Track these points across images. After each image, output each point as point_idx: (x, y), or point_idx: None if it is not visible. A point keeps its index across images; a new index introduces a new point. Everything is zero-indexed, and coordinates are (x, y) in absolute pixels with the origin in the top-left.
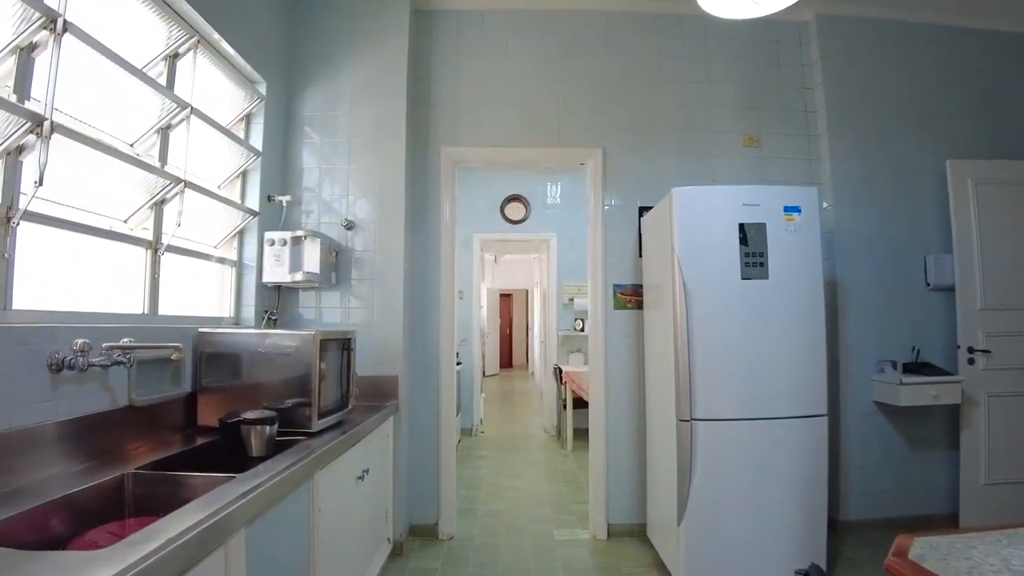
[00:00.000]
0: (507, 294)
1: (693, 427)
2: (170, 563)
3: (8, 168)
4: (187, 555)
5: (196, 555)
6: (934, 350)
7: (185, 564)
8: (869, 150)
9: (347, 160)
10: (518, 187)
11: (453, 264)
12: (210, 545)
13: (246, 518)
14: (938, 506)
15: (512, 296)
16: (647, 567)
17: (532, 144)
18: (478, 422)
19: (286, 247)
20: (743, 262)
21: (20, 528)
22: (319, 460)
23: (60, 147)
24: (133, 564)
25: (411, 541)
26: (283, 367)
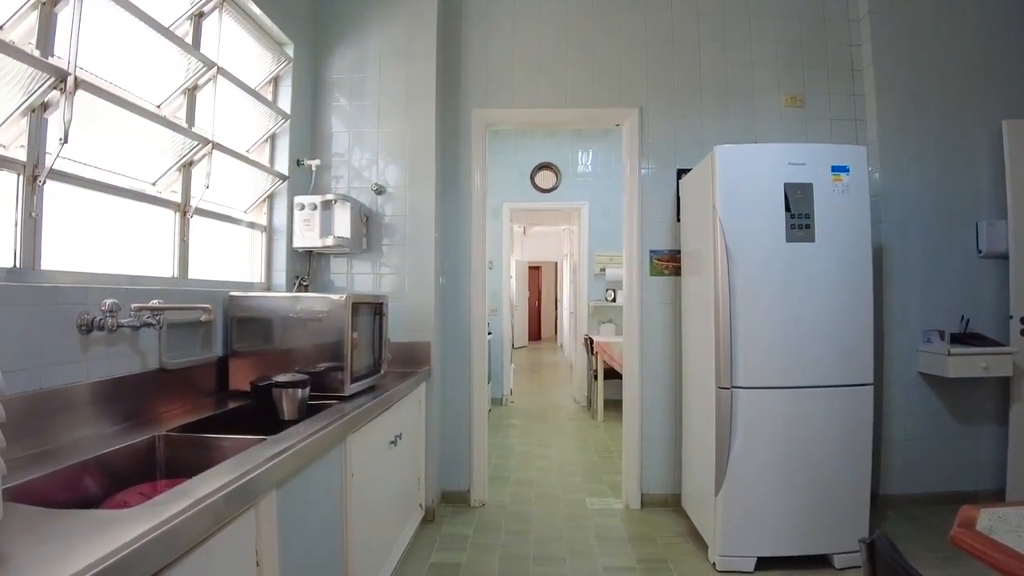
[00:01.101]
0: (535, 267)
1: (733, 395)
2: (198, 523)
3: (33, 126)
4: (215, 516)
5: (225, 516)
6: (984, 321)
7: (214, 524)
8: (919, 110)
9: (376, 124)
10: (548, 155)
11: (484, 231)
12: (240, 506)
13: (277, 480)
14: (983, 482)
15: (540, 269)
16: (682, 536)
17: (566, 105)
18: (508, 392)
19: (316, 212)
20: (788, 224)
21: (52, 487)
22: (352, 423)
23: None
24: (160, 524)
25: (443, 508)
26: (315, 332)
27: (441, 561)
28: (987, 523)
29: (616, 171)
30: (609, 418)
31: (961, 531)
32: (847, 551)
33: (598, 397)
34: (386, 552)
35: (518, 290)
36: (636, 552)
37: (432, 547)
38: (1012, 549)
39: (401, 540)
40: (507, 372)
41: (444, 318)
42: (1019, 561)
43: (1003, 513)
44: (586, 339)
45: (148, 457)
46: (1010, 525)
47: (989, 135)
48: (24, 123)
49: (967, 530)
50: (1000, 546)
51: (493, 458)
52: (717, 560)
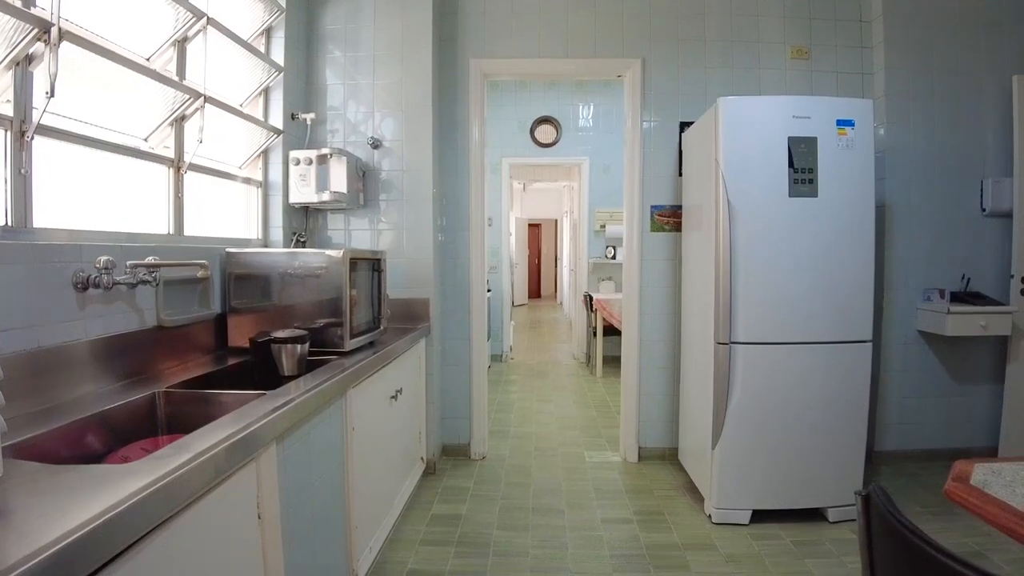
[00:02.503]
0: (535, 224)
1: (732, 350)
2: (198, 477)
3: (18, 80)
4: (216, 469)
5: (225, 469)
6: (986, 280)
7: (215, 478)
8: (928, 64)
9: (371, 76)
10: (548, 108)
11: (483, 185)
12: (240, 460)
13: (277, 433)
14: (977, 440)
15: (541, 226)
16: (679, 489)
17: (567, 55)
18: (508, 349)
19: (312, 166)
20: (791, 179)
21: (54, 444)
22: (352, 377)
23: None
24: (160, 477)
25: (444, 461)
26: (313, 288)
27: (442, 512)
28: (981, 477)
29: (618, 125)
30: (608, 374)
31: (955, 485)
32: (841, 504)
33: (597, 353)
34: (388, 504)
35: (518, 247)
36: (633, 504)
37: (434, 499)
38: (1006, 503)
39: (403, 492)
40: (507, 329)
41: (443, 275)
42: (1012, 515)
43: (997, 468)
44: (585, 296)
45: (149, 413)
46: (1004, 480)
47: (999, 91)
48: (9, 77)
49: (961, 484)
50: (994, 500)
51: (493, 413)
52: (713, 512)
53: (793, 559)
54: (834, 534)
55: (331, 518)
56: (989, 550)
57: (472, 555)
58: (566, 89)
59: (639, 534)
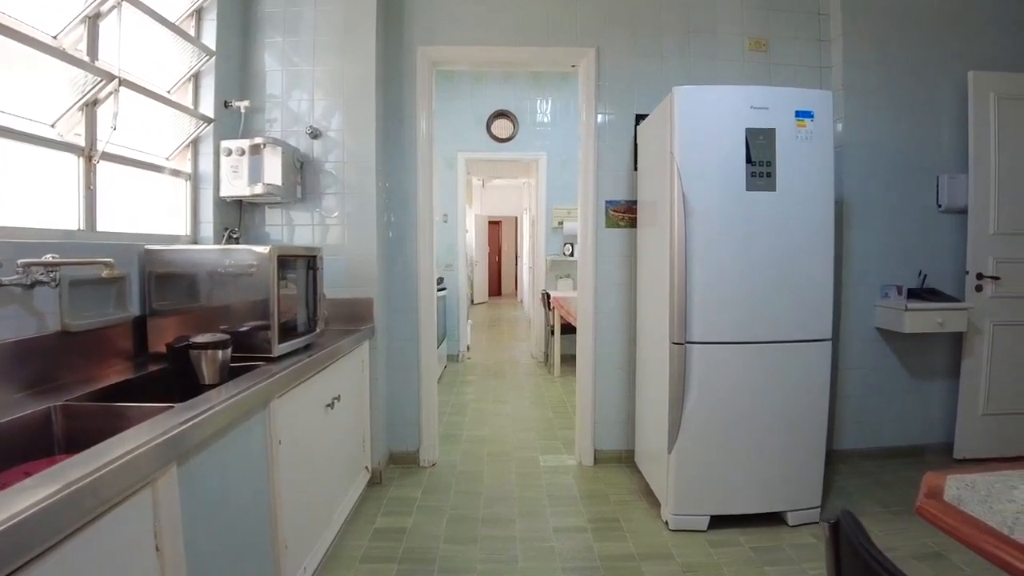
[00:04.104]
0: (496, 221)
1: (687, 351)
2: (69, 510)
3: None
4: (97, 499)
5: (110, 498)
6: (942, 276)
7: (96, 509)
8: (885, 59)
9: (312, 62)
10: (505, 102)
11: (432, 180)
12: (129, 486)
13: (179, 453)
14: (932, 436)
15: (501, 223)
16: (635, 494)
17: (519, 43)
18: (465, 348)
19: (244, 157)
20: (749, 172)
21: None
22: (277, 385)
23: None
24: (18, 513)
25: (391, 469)
26: (241, 288)
27: (386, 526)
28: (955, 492)
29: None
30: (566, 373)
31: (928, 503)
32: (801, 508)
33: (555, 352)
34: (326, 520)
35: (478, 245)
36: (588, 511)
37: (378, 511)
38: (983, 523)
39: (344, 506)
40: (464, 329)
41: (390, 271)
42: (990, 537)
43: (971, 480)
44: (543, 294)
45: (44, 430)
46: (979, 495)
47: (954, 86)
48: None
49: (935, 501)
50: (971, 519)
51: (446, 415)
52: (670, 519)
53: (753, 568)
54: (794, 539)
55: (254, 540)
56: (948, 550)
57: (416, 572)
58: (523, 83)
59: (593, 544)
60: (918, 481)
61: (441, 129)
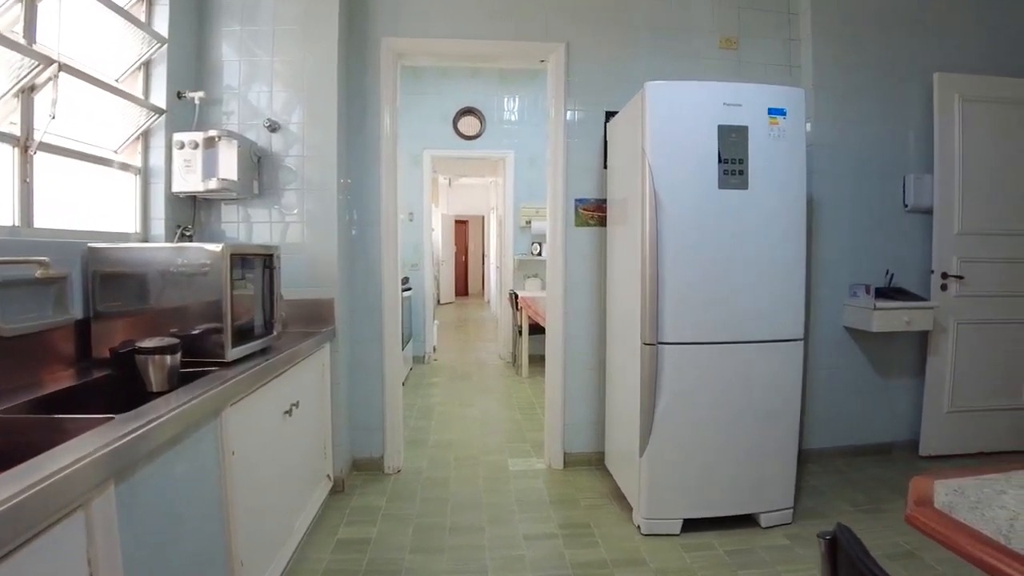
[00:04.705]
0: (462, 220)
1: (659, 351)
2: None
3: None
4: (16, 527)
5: (32, 526)
6: (908, 275)
7: (14, 539)
8: (854, 59)
9: (271, 52)
10: (472, 99)
11: (396, 176)
12: (58, 510)
13: (116, 470)
14: (899, 434)
15: (468, 223)
16: (605, 498)
17: (487, 36)
18: (431, 350)
19: (198, 150)
20: (721, 170)
21: None
22: (230, 393)
23: None
24: None
25: (354, 477)
26: (193, 288)
27: (349, 536)
28: (945, 499)
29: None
30: (534, 374)
31: (919, 511)
32: (773, 509)
33: (523, 353)
34: (285, 533)
35: (445, 245)
36: (558, 517)
37: (341, 521)
38: (980, 533)
39: (304, 517)
40: (430, 329)
41: (352, 272)
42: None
43: (959, 485)
44: (511, 294)
45: None
46: (969, 500)
47: (920, 88)
48: None
49: (925, 509)
50: (966, 528)
51: (411, 419)
52: (642, 523)
53: (728, 572)
54: (767, 541)
55: (206, 560)
56: (920, 548)
57: None
58: (490, 80)
59: (564, 551)
60: (887, 479)
61: (406, 125)
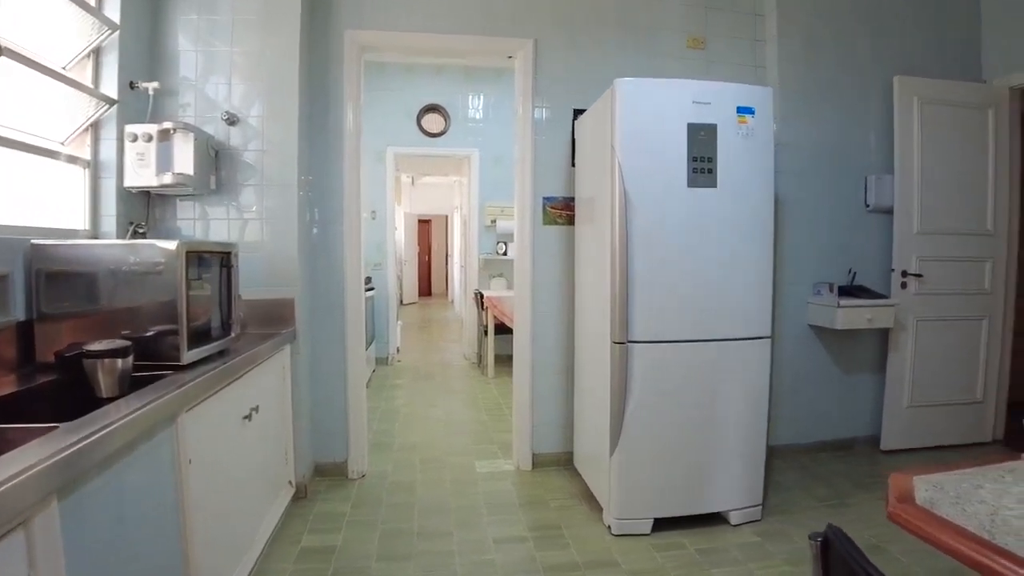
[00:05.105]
0: (426, 220)
1: (629, 350)
2: None
3: None
4: None
5: None
6: (870, 273)
7: None
8: (819, 60)
9: (230, 43)
10: (436, 96)
11: (359, 174)
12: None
13: (62, 484)
14: (861, 429)
15: (431, 222)
16: (575, 498)
17: (454, 31)
18: (395, 351)
19: (151, 144)
20: (690, 168)
21: None
22: (186, 398)
23: None
24: None
25: (317, 482)
26: (146, 288)
27: (313, 545)
28: (926, 495)
29: (508, 117)
30: (500, 374)
31: (902, 507)
32: (742, 507)
33: (489, 353)
34: (246, 544)
35: (407, 244)
36: (528, 519)
37: (304, 528)
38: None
39: (266, 525)
40: (393, 330)
41: (314, 271)
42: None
43: (937, 481)
44: (476, 294)
45: None
46: (949, 496)
47: (882, 90)
48: None
49: (908, 506)
50: (951, 525)
51: (375, 423)
52: (613, 524)
53: (700, 571)
54: (738, 539)
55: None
56: (886, 542)
57: None
58: (455, 77)
59: (535, 554)
60: (850, 474)
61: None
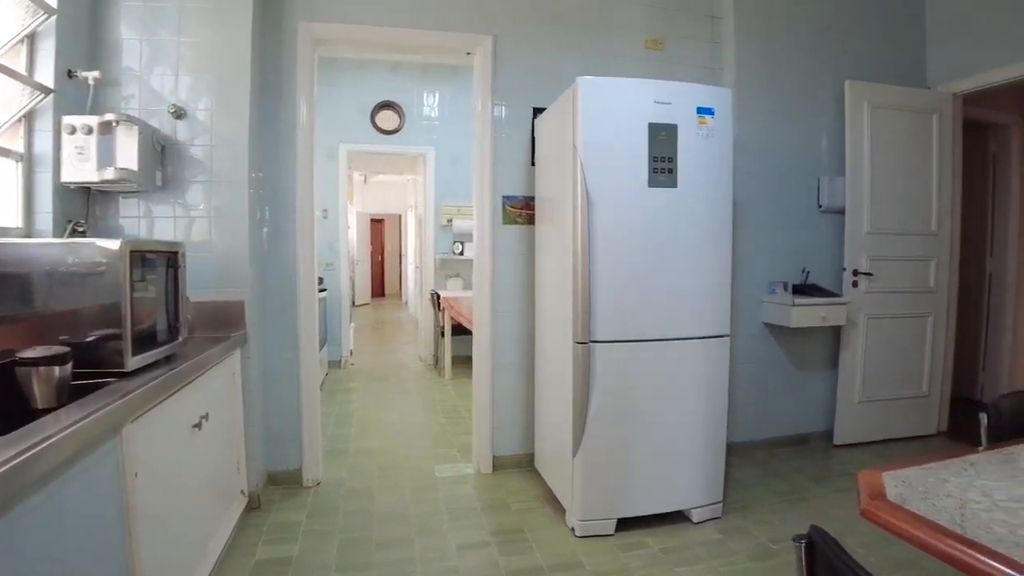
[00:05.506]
0: (378, 219)
1: (591, 350)
2: None
3: None
4: None
5: None
6: (822, 272)
7: None
8: (774, 63)
9: (177, 32)
10: (391, 93)
11: (312, 171)
12: None
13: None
14: (816, 424)
15: (384, 221)
16: (537, 500)
17: (411, 25)
18: (348, 353)
19: (92, 136)
20: (651, 168)
21: None
22: (130, 407)
23: None
24: None
25: (271, 491)
26: (87, 290)
27: (268, 557)
28: (896, 491)
29: (465, 116)
30: (457, 375)
31: (875, 504)
32: (704, 504)
33: (446, 354)
34: (198, 558)
35: (360, 244)
36: (490, 523)
37: (258, 540)
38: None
39: (218, 538)
40: (346, 332)
41: (265, 272)
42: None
43: (905, 476)
44: (432, 294)
45: None
46: (918, 491)
47: (834, 94)
48: None
49: (880, 502)
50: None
51: (330, 428)
52: (576, 525)
53: (664, 570)
54: (701, 536)
55: None
56: (844, 534)
57: None
58: (410, 74)
59: (499, 559)
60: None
61: (321, 117)
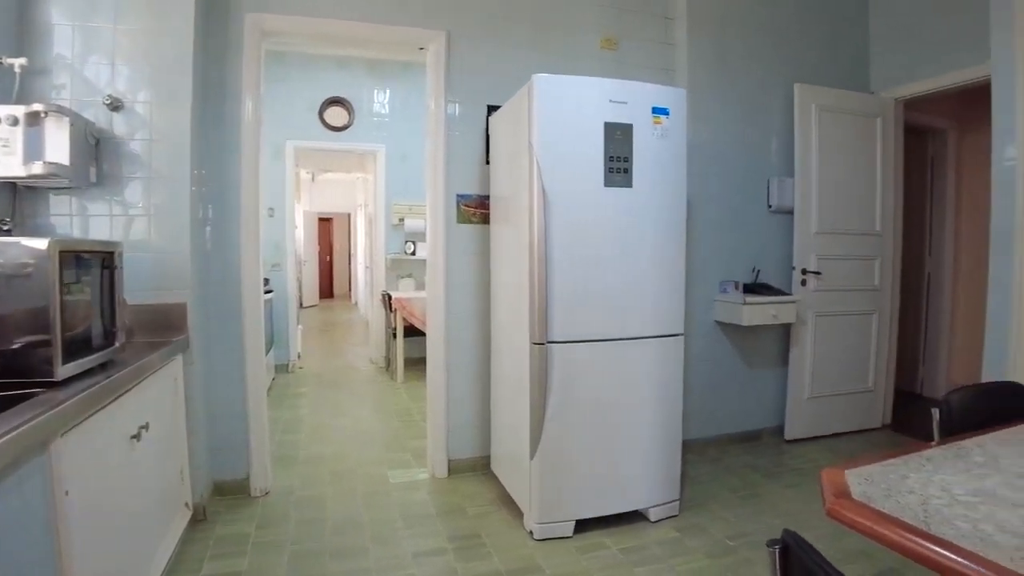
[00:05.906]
0: (327, 218)
1: (549, 350)
2: None
3: None
4: None
5: None
6: (772, 271)
7: None
8: (725, 65)
9: (113, 19)
10: (340, 89)
11: (258, 169)
12: None
13: None
14: (767, 421)
15: (332, 220)
16: (494, 504)
17: (362, 18)
18: (295, 357)
19: (18, 128)
20: (607, 167)
21: None
22: (59, 420)
23: None
24: None
25: (217, 502)
26: (12, 293)
27: (215, 572)
28: (860, 489)
29: (416, 113)
30: (410, 378)
31: (840, 502)
32: (661, 503)
33: (398, 357)
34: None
35: (307, 243)
36: (447, 529)
37: (204, 554)
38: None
39: (161, 554)
40: (293, 335)
41: (208, 271)
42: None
43: (867, 473)
44: (384, 295)
45: None
46: (880, 488)
47: (783, 96)
48: None
49: (846, 501)
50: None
51: (278, 434)
52: (535, 528)
53: (623, 570)
54: (658, 535)
55: None
56: (799, 528)
57: None
58: (359, 70)
59: (456, 566)
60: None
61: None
